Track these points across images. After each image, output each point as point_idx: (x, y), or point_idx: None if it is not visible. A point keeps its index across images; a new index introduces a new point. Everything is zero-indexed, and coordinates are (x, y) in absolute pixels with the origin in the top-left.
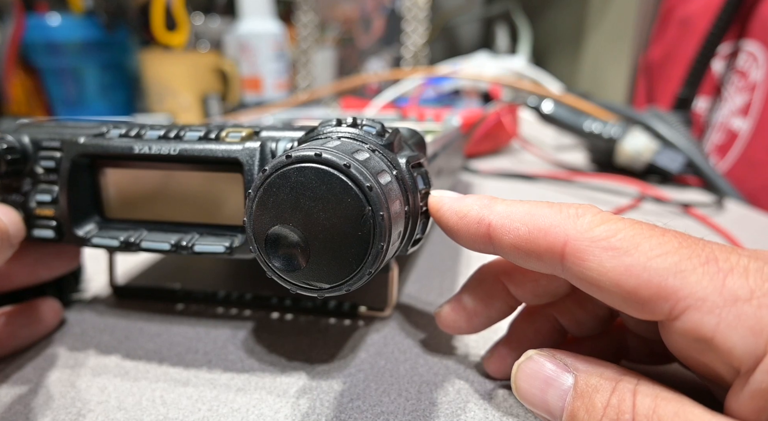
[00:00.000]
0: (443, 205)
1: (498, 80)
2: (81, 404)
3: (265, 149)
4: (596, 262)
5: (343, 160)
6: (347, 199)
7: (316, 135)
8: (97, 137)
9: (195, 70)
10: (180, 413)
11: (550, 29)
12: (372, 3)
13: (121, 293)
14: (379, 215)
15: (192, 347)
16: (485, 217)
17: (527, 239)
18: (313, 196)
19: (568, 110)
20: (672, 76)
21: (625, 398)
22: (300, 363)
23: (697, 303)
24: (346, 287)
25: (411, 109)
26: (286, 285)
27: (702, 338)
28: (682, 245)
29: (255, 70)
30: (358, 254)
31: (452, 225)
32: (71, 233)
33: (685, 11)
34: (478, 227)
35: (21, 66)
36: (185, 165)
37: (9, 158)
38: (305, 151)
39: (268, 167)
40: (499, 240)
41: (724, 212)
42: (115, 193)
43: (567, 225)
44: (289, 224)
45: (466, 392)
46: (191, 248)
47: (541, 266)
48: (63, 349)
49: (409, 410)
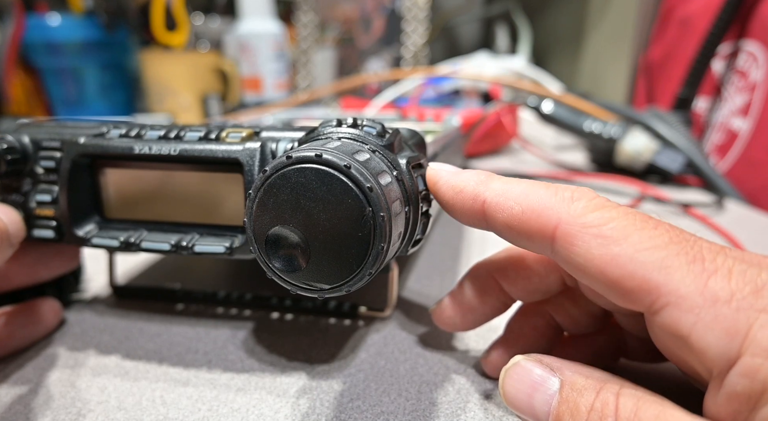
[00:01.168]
0: (440, 178)
1: (498, 80)
2: (81, 404)
3: (265, 150)
4: (584, 248)
5: (343, 161)
6: (348, 200)
7: (317, 136)
8: (98, 137)
9: (195, 70)
10: (180, 413)
11: (550, 29)
12: (372, 3)
13: (121, 293)
14: (380, 215)
15: (192, 347)
16: (481, 193)
17: (520, 219)
18: (313, 197)
19: (568, 110)
20: (672, 76)
21: (609, 402)
22: (300, 363)
23: (677, 300)
24: (346, 288)
25: (411, 110)
26: (286, 286)
27: (679, 335)
28: (672, 240)
29: (255, 70)
30: (358, 254)
31: (448, 199)
32: (71, 233)
33: (685, 11)
34: (473, 203)
35: (21, 66)
36: (185, 165)
37: (9, 158)
38: (305, 152)
39: (268, 168)
40: (493, 218)
41: (724, 212)
42: (115, 193)
43: (560, 208)
44: (290, 225)
45: (466, 392)
46: (191, 248)
47: (532, 247)
48: (63, 349)
49: (409, 410)
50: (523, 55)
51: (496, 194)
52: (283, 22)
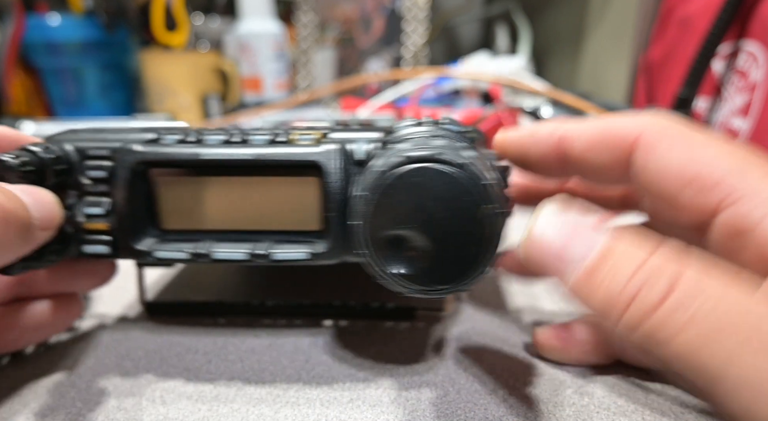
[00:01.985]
0: (509, 134)
1: (498, 80)
2: (81, 404)
3: (344, 151)
4: (666, 150)
5: (460, 159)
6: (467, 198)
7: (405, 136)
8: (154, 144)
9: (195, 70)
10: (180, 413)
11: (550, 29)
12: (372, 3)
13: (153, 309)
14: (498, 211)
15: (192, 347)
16: (557, 129)
17: (600, 137)
18: (433, 196)
19: (565, 114)
20: (672, 76)
21: (669, 262)
22: (300, 363)
23: (749, 195)
24: (462, 287)
25: (410, 110)
26: (400, 289)
27: (743, 229)
28: (749, 156)
29: (255, 70)
30: (477, 252)
31: (522, 143)
32: (129, 247)
33: (685, 11)
34: (549, 138)
35: (21, 66)
36: (253, 170)
37: (57, 169)
38: (423, 151)
39: (383, 168)
40: (570, 146)
41: None
42: (173, 202)
43: (644, 121)
44: (409, 226)
45: (467, 391)
46: (269, 256)
47: (609, 160)
48: (63, 349)
49: (409, 410)
50: (523, 55)
51: (572, 128)
52: (283, 22)
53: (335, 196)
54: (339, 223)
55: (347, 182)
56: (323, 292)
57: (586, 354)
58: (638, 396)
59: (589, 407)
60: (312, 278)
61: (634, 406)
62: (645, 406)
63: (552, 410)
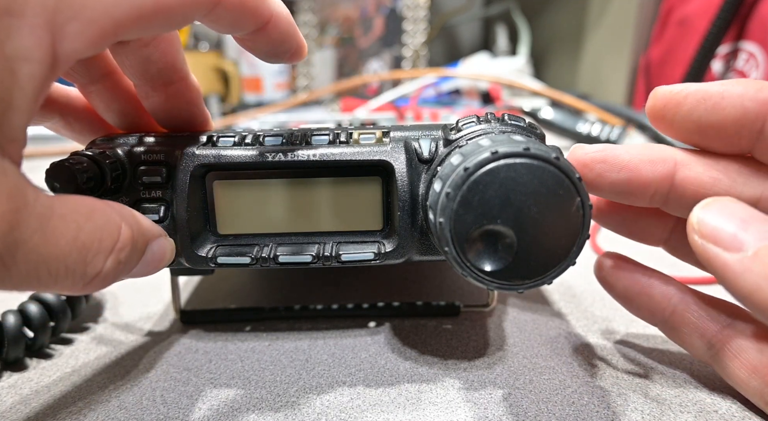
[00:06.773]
0: (608, 148)
1: (497, 80)
2: (81, 404)
3: (410, 149)
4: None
5: (550, 154)
6: (560, 192)
7: (474, 132)
8: (211, 147)
9: (195, 70)
10: (180, 412)
11: (549, 29)
12: (372, 3)
13: (188, 319)
14: (588, 204)
15: (192, 347)
16: (672, 153)
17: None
18: (524, 192)
19: (565, 114)
20: (672, 76)
21: None
22: (299, 362)
23: None
24: (547, 281)
25: (409, 109)
26: (484, 284)
27: None
28: None
29: (255, 71)
30: (566, 245)
31: (628, 161)
32: (192, 253)
33: (685, 12)
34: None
35: None
36: (315, 171)
37: (114, 174)
38: (512, 147)
39: (470, 165)
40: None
41: None
42: (231, 206)
43: None
44: (498, 222)
45: (466, 391)
46: (337, 257)
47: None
48: (62, 349)
49: (409, 410)
50: (522, 55)
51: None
52: None
53: (403, 195)
54: (407, 222)
55: (414, 180)
56: (355, 293)
57: None
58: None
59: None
60: (344, 280)
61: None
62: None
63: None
